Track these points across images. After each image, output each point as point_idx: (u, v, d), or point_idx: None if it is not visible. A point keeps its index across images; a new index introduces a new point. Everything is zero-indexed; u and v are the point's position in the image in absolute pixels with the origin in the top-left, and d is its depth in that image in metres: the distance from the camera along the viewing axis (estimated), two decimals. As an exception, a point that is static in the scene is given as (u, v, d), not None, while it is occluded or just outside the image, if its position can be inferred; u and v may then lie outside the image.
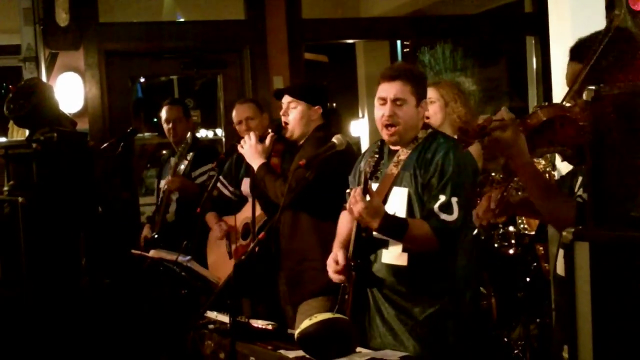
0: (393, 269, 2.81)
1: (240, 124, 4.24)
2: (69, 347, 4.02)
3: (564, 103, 2.16)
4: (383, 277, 2.82)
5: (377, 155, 2.80)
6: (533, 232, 3.99)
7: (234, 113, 4.33)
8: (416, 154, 2.83)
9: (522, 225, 4.03)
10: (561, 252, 2.35)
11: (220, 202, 4.20)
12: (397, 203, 2.79)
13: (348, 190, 3.11)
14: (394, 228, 2.70)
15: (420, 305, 2.78)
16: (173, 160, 4.73)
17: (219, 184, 4.11)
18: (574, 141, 2.03)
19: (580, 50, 2.25)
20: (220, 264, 4.14)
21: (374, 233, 2.80)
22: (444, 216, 2.69)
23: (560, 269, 2.36)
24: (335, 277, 2.93)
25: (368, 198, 2.66)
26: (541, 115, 2.01)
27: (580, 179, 2.35)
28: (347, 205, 2.71)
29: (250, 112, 4.22)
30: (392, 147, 2.91)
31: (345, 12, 7.13)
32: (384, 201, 2.81)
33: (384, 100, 2.85)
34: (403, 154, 2.86)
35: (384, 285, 2.82)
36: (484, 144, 2.07)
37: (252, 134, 3.56)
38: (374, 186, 2.84)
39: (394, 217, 2.72)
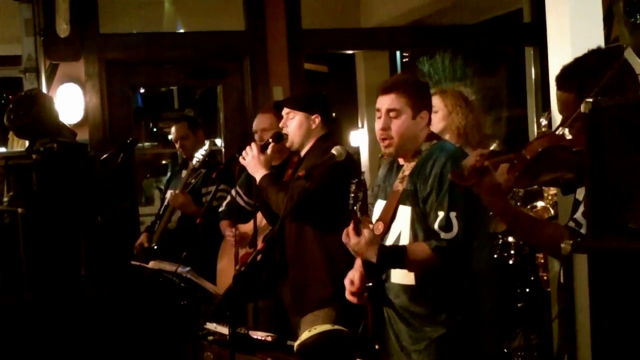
0: (402, 288, 2.79)
1: (256, 134, 4.15)
2: (69, 356, 4.02)
3: (558, 132, 2.18)
4: (394, 296, 2.81)
5: (354, 187, 2.67)
6: None
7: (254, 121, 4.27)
8: (418, 169, 2.81)
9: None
10: None
11: (235, 212, 4.17)
12: (403, 222, 2.78)
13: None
14: (391, 259, 2.69)
15: (432, 325, 2.75)
16: (187, 172, 4.73)
17: (234, 193, 4.11)
18: (572, 166, 2.05)
19: (566, 79, 2.29)
20: (228, 270, 4.13)
21: None
22: (443, 235, 2.66)
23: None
24: (351, 299, 2.90)
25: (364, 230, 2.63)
26: (537, 146, 2.03)
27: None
28: (344, 240, 2.68)
29: (265, 124, 4.10)
30: (400, 162, 2.89)
31: (345, 22, 7.15)
32: (392, 220, 2.79)
33: (379, 112, 2.85)
34: (407, 168, 2.83)
35: (396, 304, 2.81)
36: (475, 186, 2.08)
37: (253, 145, 3.56)
38: (382, 203, 2.84)
39: (390, 249, 2.71)
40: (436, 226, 2.68)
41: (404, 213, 2.78)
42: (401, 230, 2.77)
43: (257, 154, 3.50)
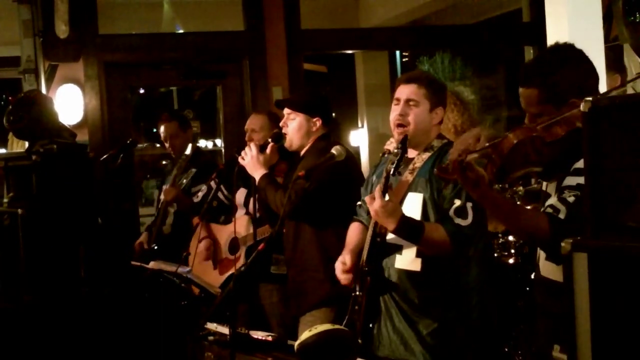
0: (406, 274, 2.81)
1: (247, 133, 4.17)
2: (68, 357, 4.02)
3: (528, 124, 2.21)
4: (395, 282, 2.82)
5: (400, 151, 2.75)
6: None
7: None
8: (431, 162, 2.85)
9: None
10: (543, 254, 2.38)
11: (210, 205, 4.16)
12: (412, 208, 2.80)
13: (359, 203, 3.12)
14: (410, 230, 2.70)
15: (428, 317, 2.78)
16: (174, 170, 4.75)
17: (213, 185, 4.10)
18: (543, 158, 2.08)
19: (528, 75, 2.33)
20: (203, 270, 4.13)
21: (388, 238, 2.81)
22: (458, 220, 2.70)
23: (545, 271, 2.38)
24: (343, 278, 2.92)
25: (387, 197, 2.66)
26: (511, 139, 2.05)
27: (546, 184, 2.40)
28: (368, 203, 2.70)
29: (255, 125, 4.12)
30: (410, 155, 2.91)
31: (344, 22, 7.15)
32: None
33: (398, 101, 2.91)
34: (418, 161, 2.88)
35: (396, 291, 2.82)
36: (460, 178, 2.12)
37: (252, 145, 3.56)
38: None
39: (410, 219, 2.72)
40: (452, 212, 2.72)
41: (414, 200, 2.81)
42: (411, 215, 2.77)
43: (256, 154, 3.50)
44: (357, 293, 2.86)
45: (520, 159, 2.07)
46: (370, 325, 2.86)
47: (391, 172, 2.70)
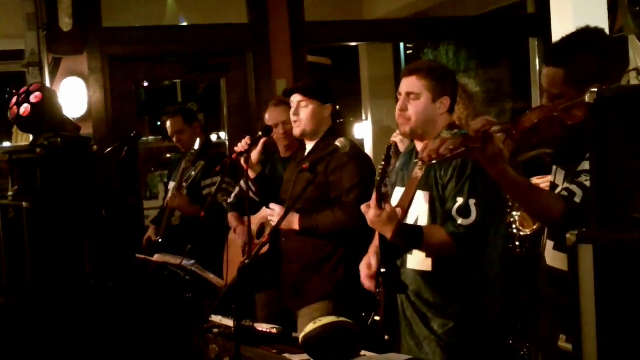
0: (419, 274, 2.77)
1: (276, 127, 3.99)
2: (73, 351, 4.03)
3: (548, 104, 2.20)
4: (409, 283, 2.79)
5: (383, 162, 2.73)
6: (528, 232, 3.97)
7: (267, 116, 4.10)
8: None
9: (514, 226, 4.01)
10: (550, 243, 2.37)
11: (247, 204, 4.13)
12: (421, 206, 2.77)
13: None
14: (408, 237, 2.66)
15: (444, 316, 2.74)
16: (183, 163, 4.74)
17: (243, 184, 4.08)
18: (560, 140, 2.08)
19: (555, 55, 2.31)
20: (237, 260, 4.13)
21: None
22: (461, 220, 2.64)
23: (551, 261, 2.38)
24: (367, 283, 2.91)
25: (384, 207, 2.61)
26: (532, 117, 2.04)
27: (555, 169, 2.39)
28: (364, 212, 2.66)
29: (284, 117, 3.91)
30: (418, 149, 2.88)
31: (348, 14, 7.13)
32: (409, 205, 2.79)
33: (400, 95, 2.88)
34: None
35: (411, 291, 2.79)
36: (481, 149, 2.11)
37: (276, 208, 3.44)
38: (400, 190, 2.84)
39: (407, 226, 2.69)
40: (454, 211, 2.66)
41: (422, 198, 2.77)
42: (419, 215, 2.76)
43: (280, 211, 3.39)
44: (378, 291, 2.85)
45: (537, 138, 2.06)
46: (390, 323, 2.83)
47: (378, 184, 2.62)
